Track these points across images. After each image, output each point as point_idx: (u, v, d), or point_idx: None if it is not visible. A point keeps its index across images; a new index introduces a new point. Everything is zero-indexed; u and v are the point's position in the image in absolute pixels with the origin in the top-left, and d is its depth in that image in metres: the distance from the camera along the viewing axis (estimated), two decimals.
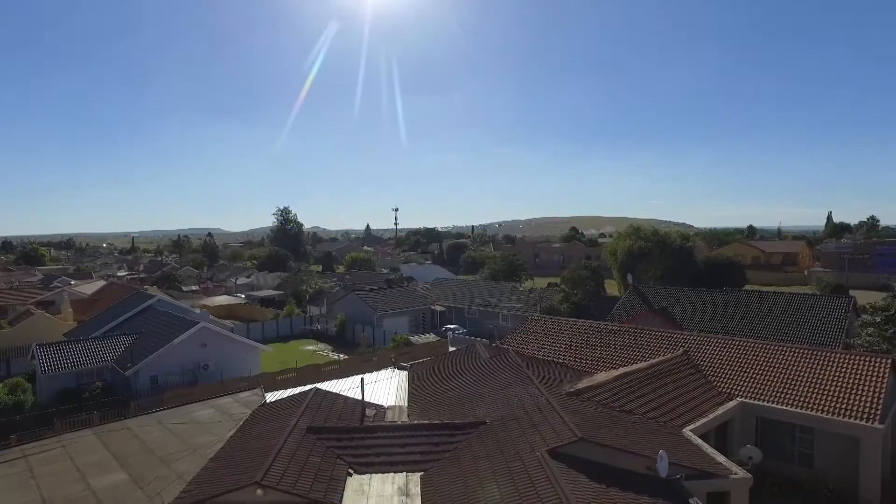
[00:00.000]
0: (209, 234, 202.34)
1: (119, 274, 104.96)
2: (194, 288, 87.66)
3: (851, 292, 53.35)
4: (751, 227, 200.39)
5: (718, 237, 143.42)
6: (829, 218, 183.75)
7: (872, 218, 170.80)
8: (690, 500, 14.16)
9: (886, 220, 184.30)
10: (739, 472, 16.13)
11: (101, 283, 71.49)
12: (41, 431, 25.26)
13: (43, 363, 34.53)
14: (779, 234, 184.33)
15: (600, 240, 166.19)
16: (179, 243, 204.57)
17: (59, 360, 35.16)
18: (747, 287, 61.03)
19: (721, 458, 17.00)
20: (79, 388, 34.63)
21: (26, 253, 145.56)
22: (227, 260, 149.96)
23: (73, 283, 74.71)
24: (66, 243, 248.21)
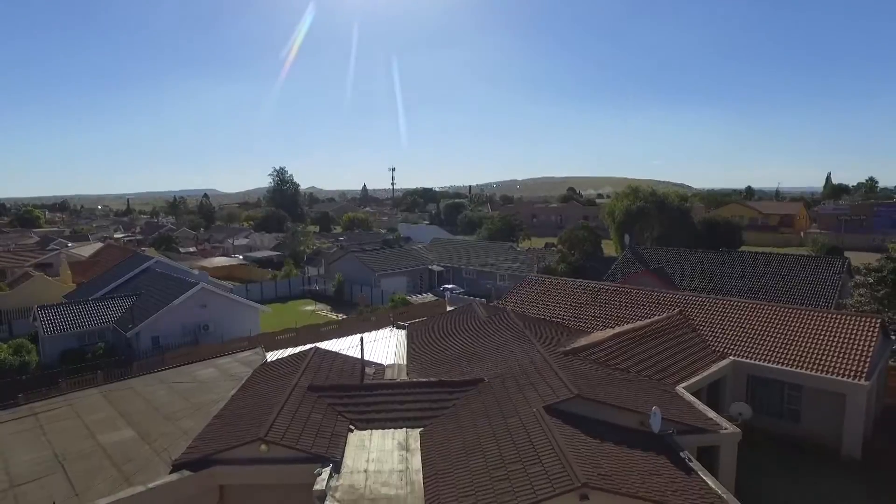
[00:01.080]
0: (205, 196, 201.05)
1: (116, 236, 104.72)
2: (192, 249, 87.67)
3: (847, 254, 53.72)
4: (749, 189, 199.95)
5: (716, 198, 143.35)
6: (828, 179, 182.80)
7: (871, 179, 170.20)
8: (681, 454, 14.63)
9: (886, 181, 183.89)
10: (729, 428, 16.60)
11: (99, 245, 71.38)
12: (47, 391, 25.72)
13: (45, 325, 34.86)
14: (777, 196, 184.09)
15: (598, 200, 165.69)
16: (175, 205, 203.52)
17: (61, 321, 35.49)
18: (743, 248, 61.35)
19: (712, 414, 17.47)
20: (81, 349, 35.09)
21: (21, 215, 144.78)
22: (223, 221, 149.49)
23: (70, 245, 74.62)
24: (61, 205, 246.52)
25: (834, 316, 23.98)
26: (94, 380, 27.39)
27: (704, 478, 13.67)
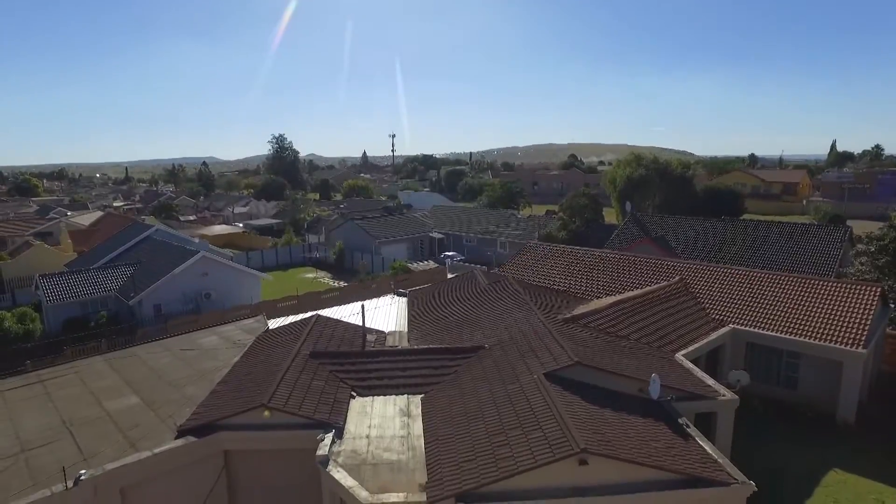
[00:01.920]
0: (204, 163, 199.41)
1: (115, 204, 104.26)
2: (192, 218, 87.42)
3: (849, 222, 53.52)
4: (752, 156, 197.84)
5: (719, 166, 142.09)
6: (833, 146, 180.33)
7: (877, 147, 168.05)
8: (679, 420, 14.82)
9: (892, 148, 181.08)
10: (727, 394, 16.79)
11: (98, 213, 71.16)
12: (53, 358, 25.97)
13: (47, 293, 35.01)
14: (780, 163, 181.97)
15: (599, 167, 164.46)
16: (174, 172, 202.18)
17: (63, 290, 35.62)
18: (745, 216, 61.11)
19: (710, 381, 17.65)
20: (85, 318, 35.31)
21: (18, 184, 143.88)
22: (223, 189, 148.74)
23: (69, 214, 74.35)
24: (59, 174, 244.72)
25: (834, 284, 24.01)
26: (99, 347, 27.66)
27: (701, 443, 13.87)
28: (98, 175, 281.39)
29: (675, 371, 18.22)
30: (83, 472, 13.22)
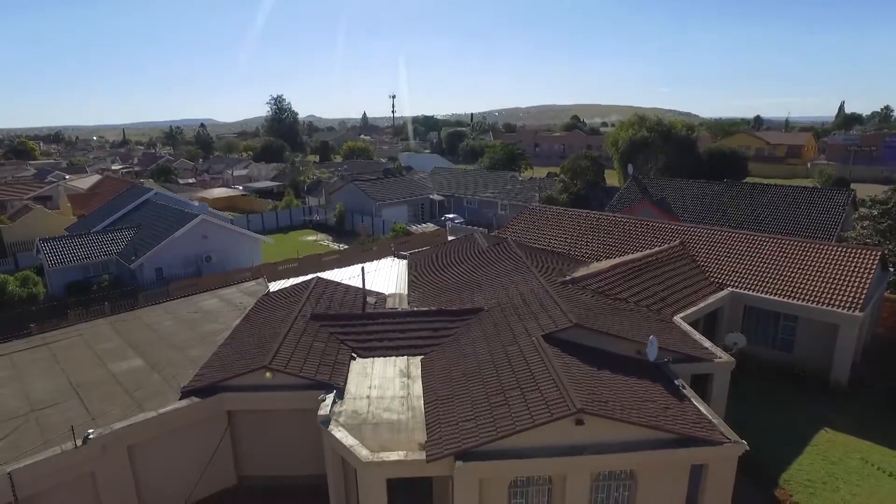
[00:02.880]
0: (202, 125, 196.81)
1: (113, 168, 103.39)
2: (191, 181, 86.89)
3: (854, 185, 53.04)
4: (758, 118, 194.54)
5: (724, 128, 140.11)
6: (841, 108, 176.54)
7: (887, 108, 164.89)
8: (675, 382, 15.03)
9: None
10: (723, 357, 16.98)
11: (97, 177, 70.62)
12: (57, 322, 26.21)
13: (49, 257, 35.09)
14: (786, 126, 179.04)
15: (602, 129, 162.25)
16: (172, 135, 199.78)
17: (65, 254, 35.69)
18: (748, 179, 60.59)
19: (707, 344, 17.82)
20: (87, 281, 35.50)
21: (15, 147, 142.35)
22: (221, 151, 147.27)
23: (67, 177, 73.85)
24: (55, 137, 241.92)
25: (834, 248, 23.95)
26: (102, 311, 27.88)
27: (697, 404, 14.11)
28: (95, 138, 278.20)
29: (673, 333, 18.39)
30: (91, 431, 13.53)
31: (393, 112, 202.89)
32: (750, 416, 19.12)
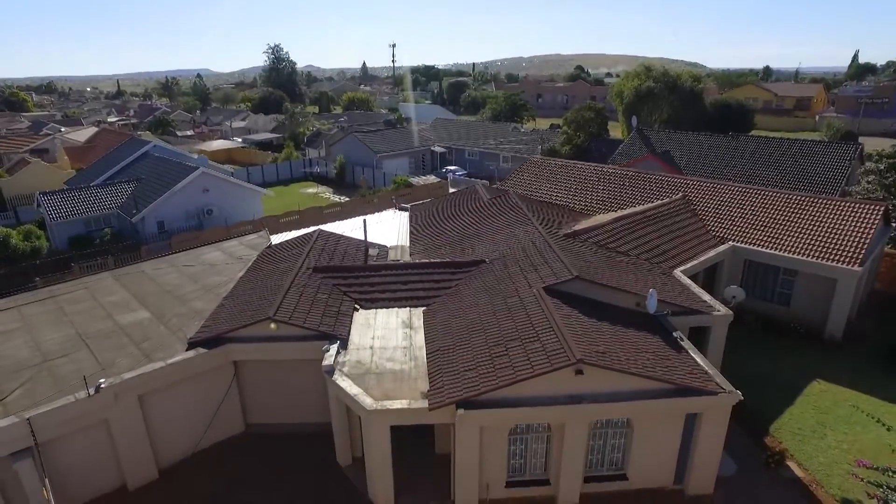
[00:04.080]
0: (198, 76, 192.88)
1: (109, 120, 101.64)
2: (189, 133, 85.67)
3: (862, 139, 52.10)
4: (767, 69, 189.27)
5: (731, 79, 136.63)
6: (855, 58, 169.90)
7: None
8: (674, 334, 15.27)
9: None
10: (721, 310, 17.17)
11: (93, 129, 69.60)
12: (62, 275, 26.45)
13: (50, 211, 35.05)
14: (796, 77, 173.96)
15: (607, 80, 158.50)
16: (168, 86, 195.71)
17: (65, 207, 35.64)
18: (754, 132, 59.65)
19: (706, 297, 17.99)
20: (89, 235, 35.59)
21: (6, 98, 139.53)
22: (219, 103, 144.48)
23: (63, 129, 72.83)
24: (47, 87, 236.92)
25: (837, 203, 23.78)
26: (106, 264, 28.10)
27: (694, 356, 14.38)
28: (89, 89, 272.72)
29: (673, 286, 18.54)
30: (102, 380, 13.88)
31: (393, 61, 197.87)
32: (745, 368, 19.51)
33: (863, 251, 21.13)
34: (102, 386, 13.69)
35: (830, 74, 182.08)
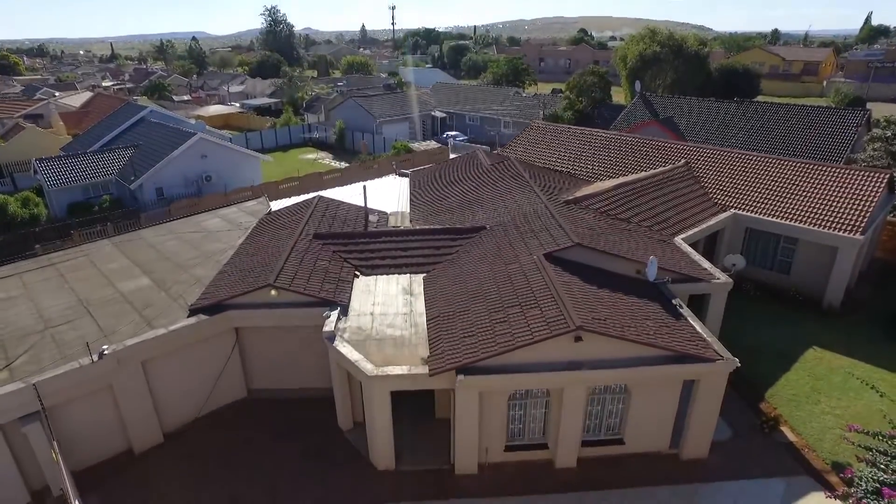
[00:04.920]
0: (194, 39, 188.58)
1: (104, 84, 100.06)
2: (186, 98, 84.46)
3: (871, 105, 51.17)
4: (775, 32, 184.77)
5: (738, 43, 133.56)
6: (868, 20, 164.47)
7: None
8: (673, 301, 15.32)
9: None
10: (721, 278, 17.18)
11: (88, 94, 68.53)
12: (62, 242, 26.41)
13: (47, 178, 34.75)
14: (805, 40, 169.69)
15: (611, 43, 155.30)
16: (163, 49, 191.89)
17: (63, 174, 35.31)
18: (759, 98, 58.69)
19: (706, 265, 17.98)
20: (88, 202, 35.39)
21: None
22: (216, 67, 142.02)
23: (57, 94, 71.70)
24: (39, 50, 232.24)
25: (841, 170, 23.46)
26: (105, 231, 28.04)
27: (692, 323, 14.46)
28: (82, 52, 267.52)
29: (673, 254, 18.52)
30: (105, 347, 13.99)
31: (393, 24, 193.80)
32: (743, 335, 19.65)
33: (865, 220, 20.99)
34: (106, 352, 13.81)
35: (841, 37, 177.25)
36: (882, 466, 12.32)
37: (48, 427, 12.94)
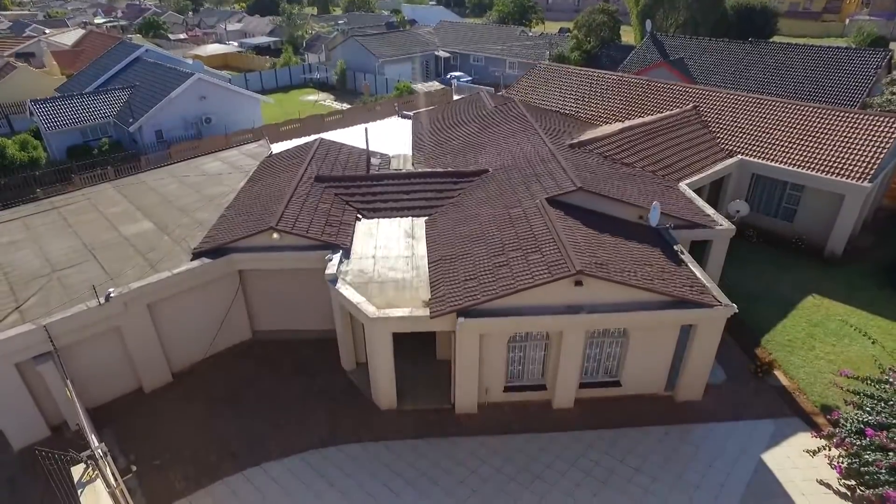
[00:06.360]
0: None
1: (96, 21, 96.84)
2: (182, 36, 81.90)
3: (894, 45, 48.96)
4: None
5: None
6: None
7: None
8: (675, 247, 15.31)
9: None
10: (724, 224, 17.10)
11: (80, 31, 66.31)
12: (62, 186, 26.29)
13: (44, 120, 34.19)
14: None
15: None
16: None
17: (59, 116, 34.70)
18: (775, 39, 56.52)
19: (710, 211, 17.86)
20: (87, 145, 34.97)
21: None
22: (212, 3, 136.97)
23: (48, 31, 69.48)
24: None
25: (853, 115, 22.75)
26: (106, 174, 27.86)
27: (693, 268, 14.50)
28: None
29: (677, 200, 18.38)
30: (112, 290, 14.19)
31: None
32: (743, 282, 19.76)
33: (874, 167, 20.56)
34: (112, 295, 14.01)
35: None
36: (868, 409, 12.71)
37: (61, 366, 13.31)
